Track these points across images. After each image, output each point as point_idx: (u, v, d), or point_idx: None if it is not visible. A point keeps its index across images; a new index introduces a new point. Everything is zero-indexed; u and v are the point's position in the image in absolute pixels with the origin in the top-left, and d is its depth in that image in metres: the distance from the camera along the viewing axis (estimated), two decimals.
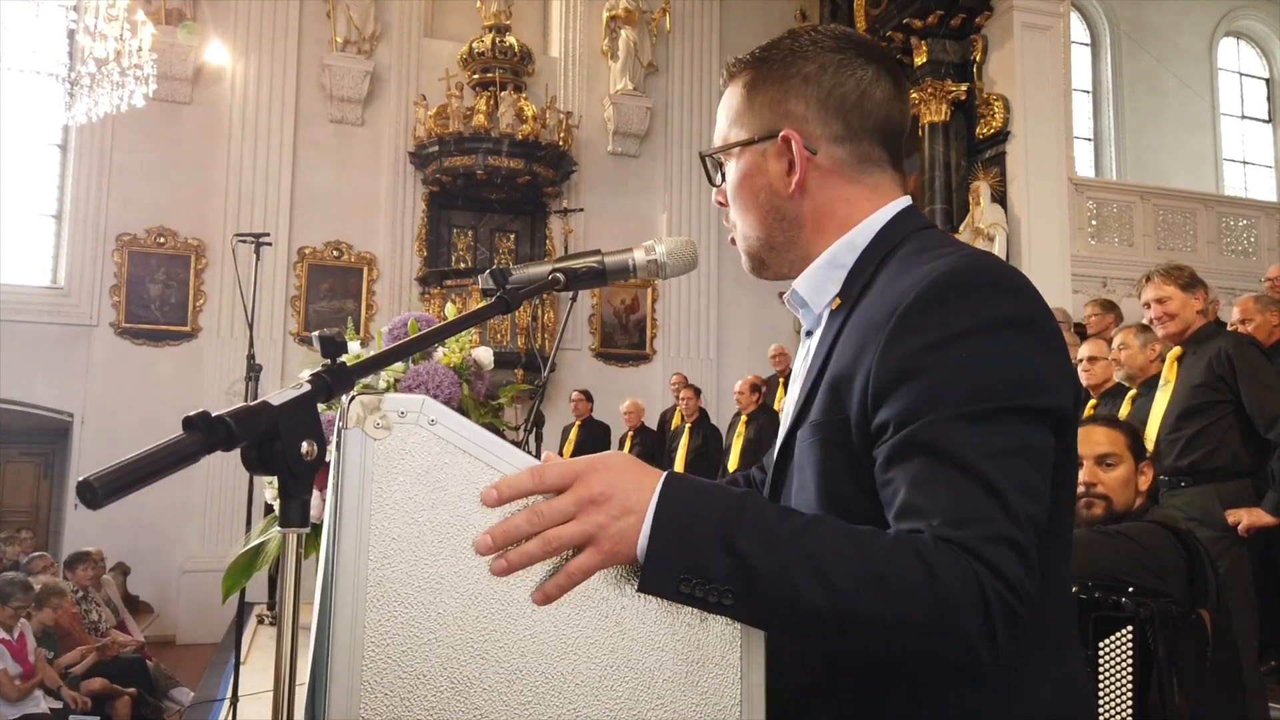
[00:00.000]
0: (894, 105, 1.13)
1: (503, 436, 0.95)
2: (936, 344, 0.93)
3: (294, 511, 0.81)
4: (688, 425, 8.04)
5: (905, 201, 1.14)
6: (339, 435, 0.89)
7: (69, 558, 7.37)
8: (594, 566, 0.91)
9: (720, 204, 1.23)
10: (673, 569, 0.89)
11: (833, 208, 1.12)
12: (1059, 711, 1.02)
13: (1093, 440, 2.47)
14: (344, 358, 0.87)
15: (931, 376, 0.93)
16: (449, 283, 9.54)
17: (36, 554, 7.61)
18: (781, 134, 1.11)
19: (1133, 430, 2.63)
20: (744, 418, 7.64)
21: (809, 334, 1.18)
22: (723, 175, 1.20)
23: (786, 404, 1.20)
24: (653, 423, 8.97)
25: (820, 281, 1.13)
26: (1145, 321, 4.06)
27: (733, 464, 7.43)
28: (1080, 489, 2.53)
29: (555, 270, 1.23)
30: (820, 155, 1.11)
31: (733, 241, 1.22)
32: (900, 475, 0.93)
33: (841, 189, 1.12)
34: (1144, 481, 2.55)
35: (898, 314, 0.96)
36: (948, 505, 0.89)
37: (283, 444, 0.79)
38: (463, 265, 10.13)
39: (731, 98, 1.17)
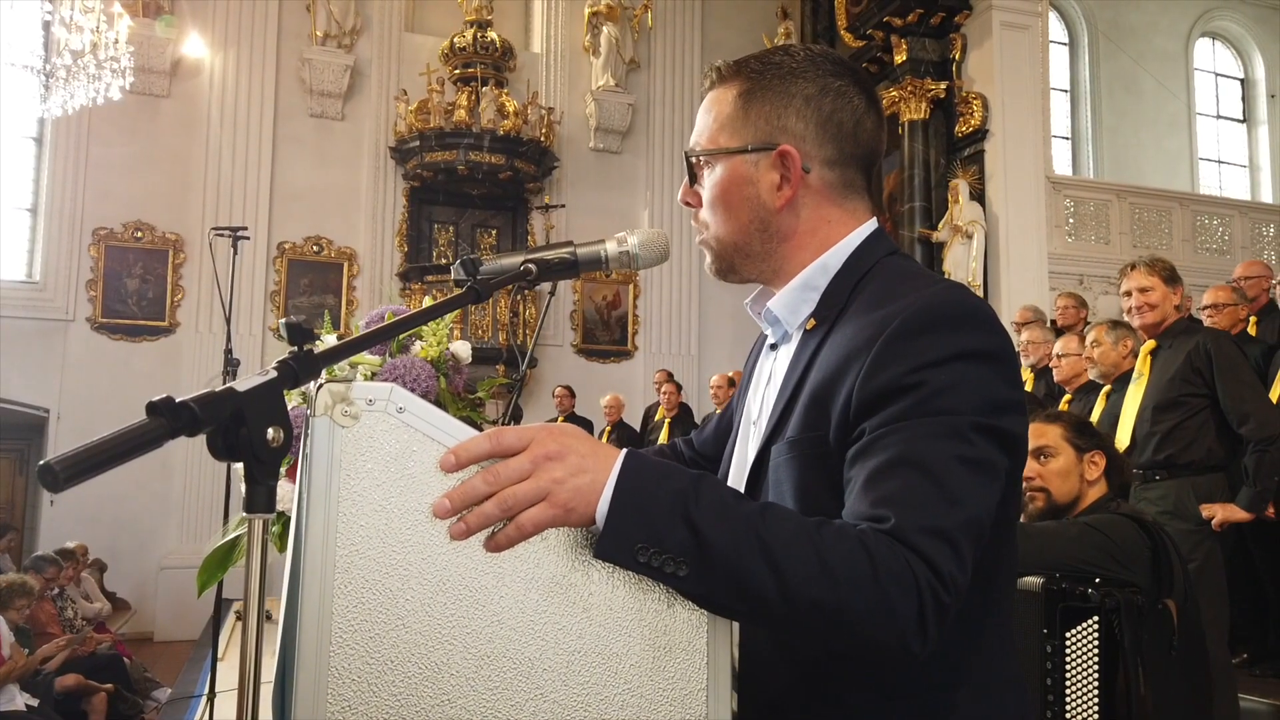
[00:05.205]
0: (879, 136, 1.20)
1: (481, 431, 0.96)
2: (917, 368, 0.99)
3: (259, 497, 0.81)
4: (667, 420, 8.04)
5: (873, 225, 1.19)
6: (307, 423, 0.89)
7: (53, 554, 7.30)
8: (545, 520, 0.91)
9: (687, 204, 1.24)
10: (631, 537, 0.90)
11: (815, 227, 1.17)
12: (1009, 708, 1.10)
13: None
14: (308, 345, 0.87)
15: (911, 396, 0.98)
16: (430, 278, 9.50)
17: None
18: (780, 148, 1.14)
19: (1076, 423, 2.64)
20: (719, 413, 7.64)
21: (774, 347, 1.23)
22: (697, 176, 1.21)
23: (755, 413, 1.23)
24: (635, 417, 8.98)
25: (795, 303, 1.18)
26: (1123, 310, 4.08)
27: None
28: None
29: (527, 261, 1.23)
30: (812, 175, 1.15)
31: (703, 242, 1.23)
32: (860, 470, 0.98)
33: (825, 210, 1.17)
34: (1093, 471, 2.56)
35: (882, 340, 1.01)
36: (895, 495, 0.94)
37: (248, 430, 0.79)
38: (444, 261, 10.07)
39: (721, 102, 1.18)
